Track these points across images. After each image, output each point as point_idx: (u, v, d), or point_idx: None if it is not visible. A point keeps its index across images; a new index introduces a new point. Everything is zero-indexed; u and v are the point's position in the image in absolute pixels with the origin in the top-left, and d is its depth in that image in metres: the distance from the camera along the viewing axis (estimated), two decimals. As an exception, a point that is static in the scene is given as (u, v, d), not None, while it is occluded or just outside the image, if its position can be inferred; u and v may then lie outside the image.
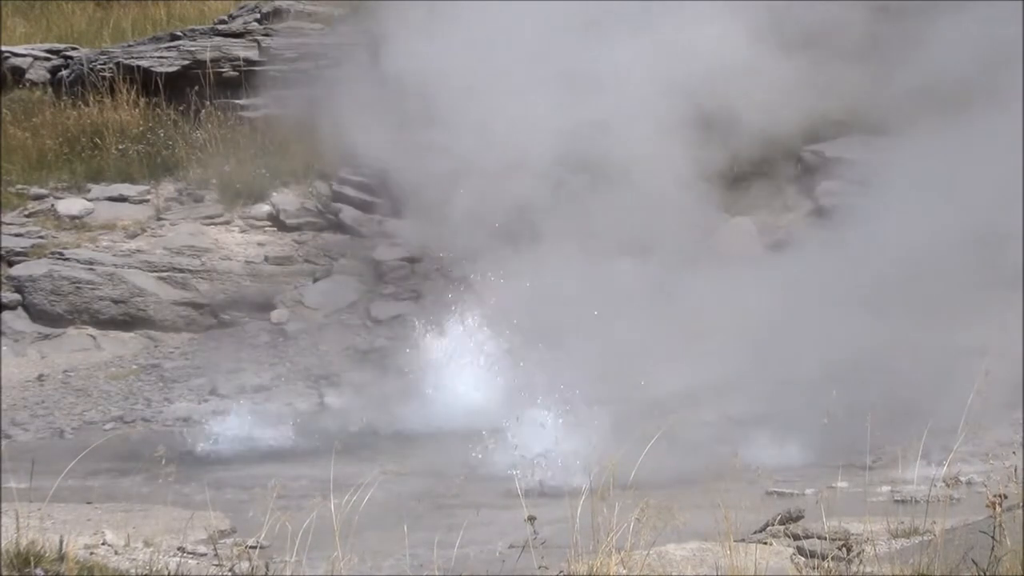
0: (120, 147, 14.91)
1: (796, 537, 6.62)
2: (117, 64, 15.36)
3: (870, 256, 11.47)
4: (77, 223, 14.15)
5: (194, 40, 15.53)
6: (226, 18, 16.28)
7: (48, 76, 16.00)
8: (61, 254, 13.59)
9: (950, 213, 11.15)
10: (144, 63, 15.32)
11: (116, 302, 13.39)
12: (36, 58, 16.11)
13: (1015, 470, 7.84)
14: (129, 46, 15.90)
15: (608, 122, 12.90)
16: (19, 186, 14.54)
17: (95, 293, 13.37)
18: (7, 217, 14.06)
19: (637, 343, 11.00)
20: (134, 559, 6.86)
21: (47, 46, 16.45)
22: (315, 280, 13.67)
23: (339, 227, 14.14)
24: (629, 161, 12.82)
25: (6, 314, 13.24)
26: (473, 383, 11.59)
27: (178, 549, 7.23)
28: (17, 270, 13.46)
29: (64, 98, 15.51)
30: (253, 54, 15.29)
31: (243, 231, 14.16)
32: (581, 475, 8.53)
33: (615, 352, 10.88)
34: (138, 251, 13.73)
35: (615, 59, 13.00)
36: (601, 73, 13.02)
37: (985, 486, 7.85)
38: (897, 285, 10.99)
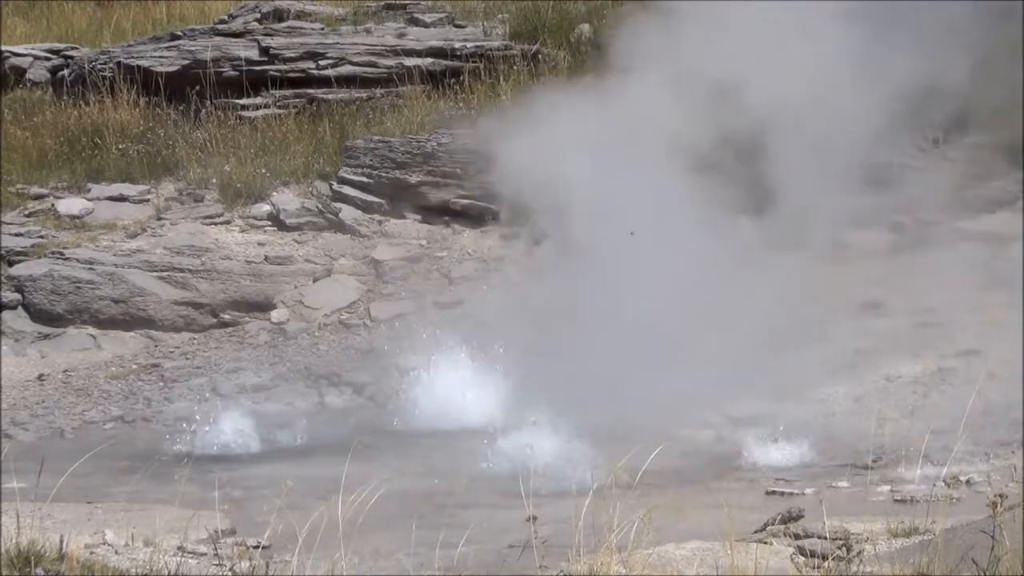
0: (120, 147, 14.89)
1: (796, 537, 6.63)
2: (117, 64, 15.35)
3: None
4: (77, 223, 14.14)
5: (194, 40, 15.51)
6: (226, 18, 16.28)
7: (48, 76, 15.98)
8: (61, 254, 13.58)
9: None
10: (144, 63, 15.31)
11: (116, 302, 13.38)
12: (36, 58, 16.10)
13: (1015, 470, 7.86)
14: (129, 46, 15.89)
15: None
16: (19, 186, 14.53)
17: (95, 293, 13.36)
18: (7, 217, 14.04)
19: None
20: (134, 559, 6.86)
21: (47, 46, 16.43)
22: (315, 280, 13.67)
23: (339, 227, 14.14)
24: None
25: (6, 314, 13.23)
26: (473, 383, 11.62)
27: (178, 549, 7.23)
28: (17, 270, 13.45)
29: (64, 98, 15.49)
30: (253, 54, 15.29)
31: (243, 231, 14.15)
32: (583, 474, 8.57)
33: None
34: (138, 251, 13.72)
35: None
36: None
37: (989, 485, 7.86)
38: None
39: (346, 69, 15.15)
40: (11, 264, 13.52)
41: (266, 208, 14.32)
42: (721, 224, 12.01)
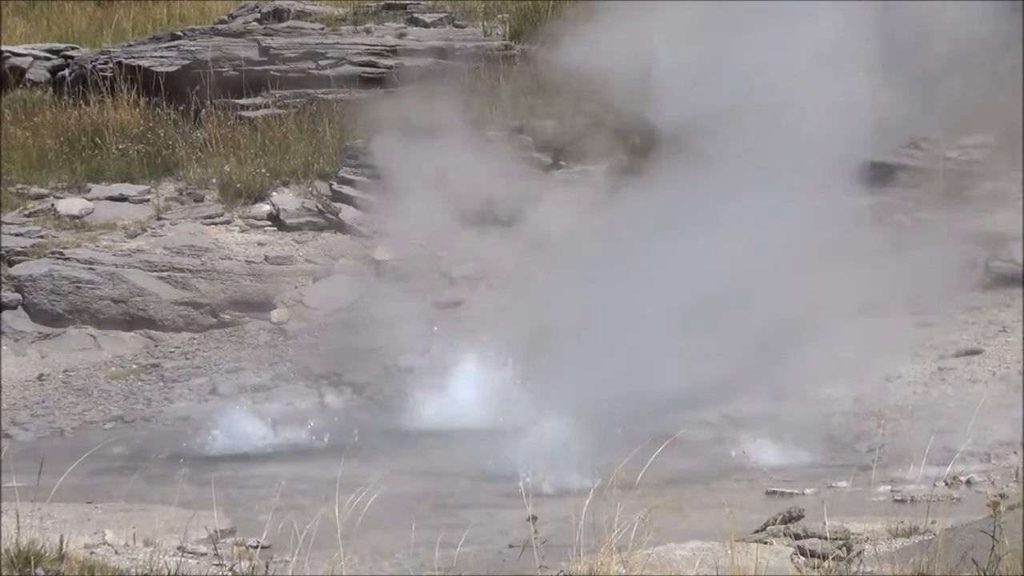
0: (120, 147, 14.89)
1: (796, 537, 6.62)
2: (118, 64, 15.35)
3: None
4: (77, 223, 14.14)
5: (194, 40, 15.52)
6: (226, 18, 16.28)
7: (48, 76, 15.99)
8: (61, 254, 13.58)
9: None
10: (144, 63, 15.32)
11: (116, 302, 13.38)
12: (36, 58, 16.10)
13: (1015, 470, 7.86)
14: (129, 46, 15.89)
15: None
16: (19, 186, 14.53)
17: (95, 293, 13.37)
18: (7, 217, 14.05)
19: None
20: (134, 559, 6.86)
21: (47, 46, 16.43)
22: (315, 280, 13.67)
23: (339, 227, 14.14)
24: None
25: (6, 314, 13.23)
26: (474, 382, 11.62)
27: (178, 548, 7.23)
28: (17, 270, 13.46)
29: (65, 98, 15.50)
30: (253, 54, 15.29)
31: (243, 231, 14.15)
32: (583, 474, 8.56)
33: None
34: (138, 251, 13.73)
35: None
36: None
37: (993, 484, 7.86)
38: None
39: (346, 69, 15.15)
40: (11, 264, 13.52)
41: (266, 208, 14.32)
42: None
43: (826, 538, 6.30)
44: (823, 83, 11.84)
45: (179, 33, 15.84)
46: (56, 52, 16.22)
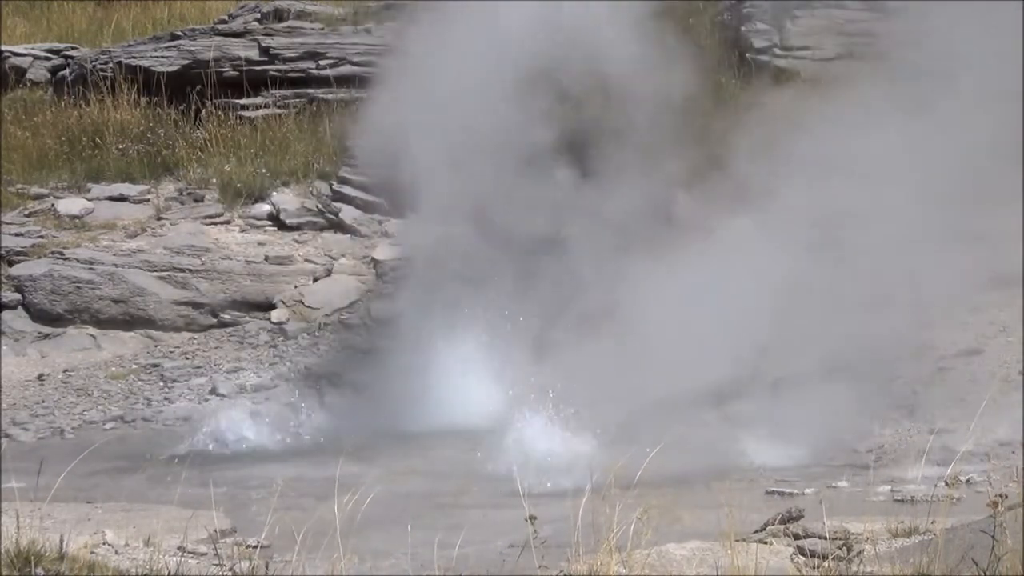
0: (120, 147, 14.90)
1: (796, 536, 6.62)
2: (118, 64, 15.36)
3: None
4: (77, 223, 14.14)
5: (194, 40, 15.52)
6: (226, 18, 16.28)
7: (49, 76, 16.00)
8: (61, 254, 13.58)
9: None
10: (145, 63, 15.32)
11: (116, 302, 13.38)
12: (36, 58, 16.11)
13: (1015, 470, 7.86)
14: (129, 46, 15.89)
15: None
16: (19, 186, 14.54)
17: (95, 293, 13.37)
18: (7, 217, 14.05)
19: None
20: (134, 558, 6.86)
21: (47, 46, 16.44)
22: (315, 280, 13.67)
23: (339, 227, 14.14)
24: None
25: (6, 313, 13.23)
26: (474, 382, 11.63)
27: (178, 548, 7.23)
28: (17, 269, 13.46)
29: (65, 98, 15.51)
30: (253, 54, 15.30)
31: (243, 231, 14.15)
32: (583, 474, 8.56)
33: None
34: (138, 251, 13.73)
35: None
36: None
37: (991, 484, 7.86)
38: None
39: (346, 69, 15.15)
40: (11, 264, 13.52)
41: (266, 208, 14.32)
42: None
43: (826, 538, 6.29)
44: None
45: (179, 33, 15.84)
46: (56, 52, 16.23)
